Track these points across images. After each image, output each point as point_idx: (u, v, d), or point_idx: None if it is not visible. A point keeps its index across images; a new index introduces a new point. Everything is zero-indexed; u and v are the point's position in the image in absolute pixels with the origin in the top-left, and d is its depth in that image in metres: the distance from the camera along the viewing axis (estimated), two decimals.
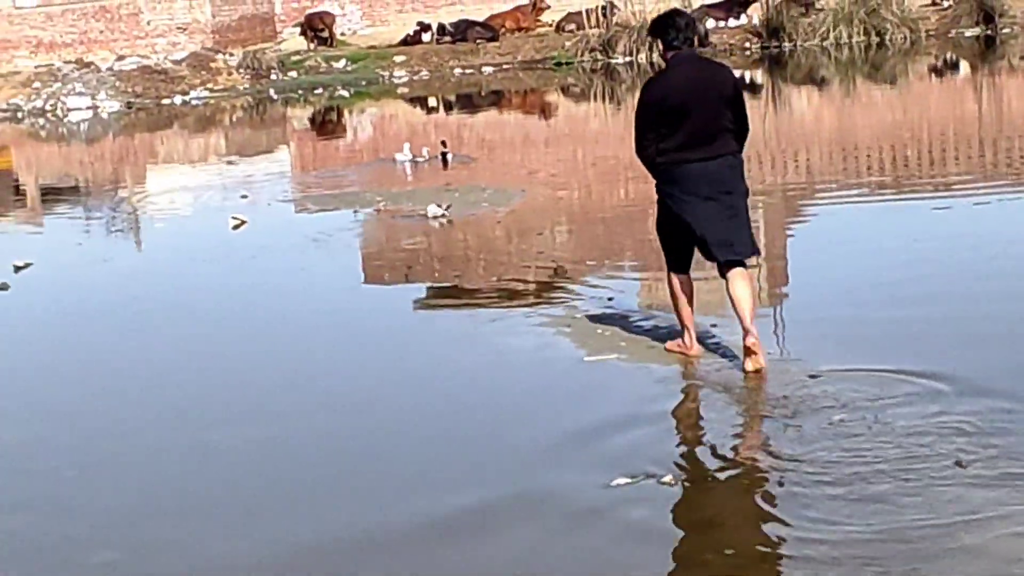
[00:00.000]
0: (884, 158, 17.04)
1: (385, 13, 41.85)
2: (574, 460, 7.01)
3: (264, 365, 9.51)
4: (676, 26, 8.35)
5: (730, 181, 8.33)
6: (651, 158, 8.37)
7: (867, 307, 9.54)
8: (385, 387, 8.70)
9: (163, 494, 7.08)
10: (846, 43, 32.91)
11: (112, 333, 10.85)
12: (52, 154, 28.37)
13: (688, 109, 8.15)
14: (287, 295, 11.61)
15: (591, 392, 8.18)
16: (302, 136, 28.02)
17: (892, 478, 6.33)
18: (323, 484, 7.03)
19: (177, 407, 8.63)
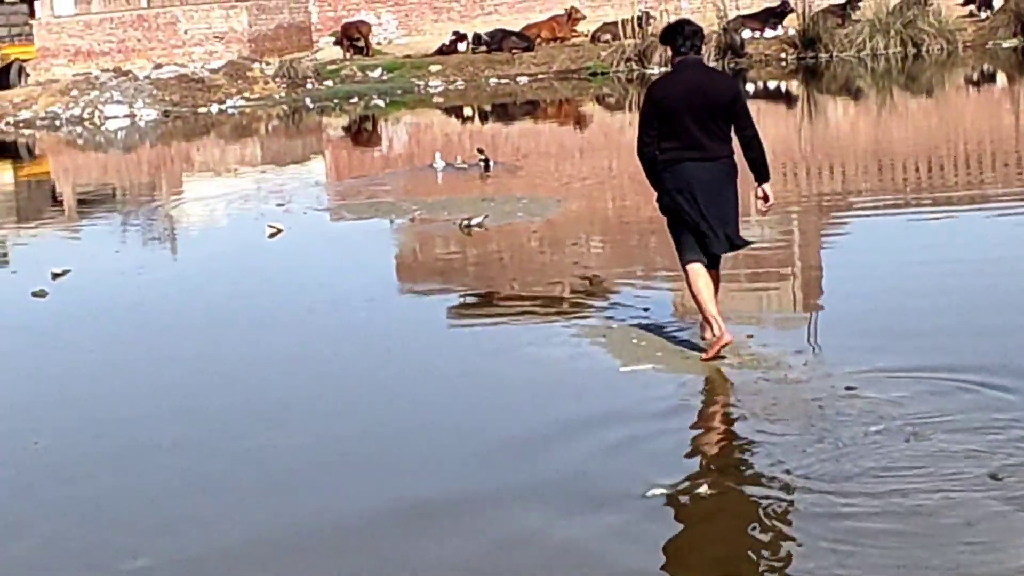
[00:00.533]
0: (920, 170, 16.98)
1: (421, 23, 41.95)
2: (609, 470, 7.01)
3: (297, 372, 9.53)
4: (683, 34, 8.85)
5: (725, 181, 8.84)
6: (652, 157, 8.84)
7: (902, 318, 9.51)
8: (416, 397, 8.69)
9: (200, 502, 7.11)
10: (882, 54, 32.83)
11: (148, 341, 10.88)
12: (89, 162, 28.52)
13: (682, 112, 8.64)
14: (322, 303, 11.63)
15: (626, 403, 8.18)
16: (337, 145, 28.11)
17: (928, 491, 6.30)
18: (368, 490, 7.05)
19: (213, 415, 8.66)
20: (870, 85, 29.13)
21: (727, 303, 10.15)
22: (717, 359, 8.67)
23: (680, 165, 8.73)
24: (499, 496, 6.79)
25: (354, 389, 9.03)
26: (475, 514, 6.59)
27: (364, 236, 15.05)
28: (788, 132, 23.26)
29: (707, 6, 35.81)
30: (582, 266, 12.14)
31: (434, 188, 18.54)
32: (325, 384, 9.19)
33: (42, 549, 6.62)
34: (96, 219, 18.86)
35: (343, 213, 16.98)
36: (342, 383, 9.20)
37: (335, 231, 15.86)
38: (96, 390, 9.54)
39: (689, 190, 8.72)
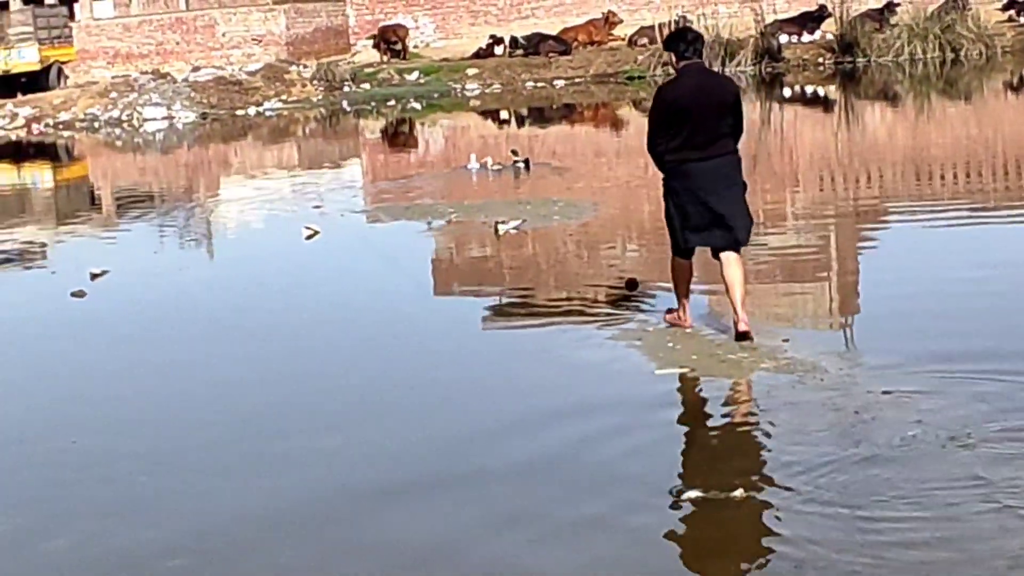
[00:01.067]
0: (958, 176, 16.91)
1: (458, 26, 42.02)
2: (644, 473, 7.02)
3: (333, 374, 9.57)
4: (686, 40, 9.56)
5: (730, 176, 9.37)
6: (660, 155, 9.45)
7: (940, 322, 9.47)
8: (452, 398, 8.71)
9: (238, 503, 7.14)
10: (920, 59, 32.70)
11: (186, 341, 10.95)
12: (127, 164, 28.67)
13: (692, 112, 9.20)
14: (358, 305, 11.70)
15: (661, 406, 8.18)
16: (374, 147, 28.18)
17: (965, 496, 6.29)
18: (405, 493, 7.07)
19: (249, 416, 8.70)
20: (908, 90, 29.01)
21: (764, 307, 10.19)
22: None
23: (686, 166, 9.29)
24: (536, 495, 6.81)
25: (389, 393, 9.04)
26: (515, 515, 6.61)
27: (400, 238, 15.08)
28: (825, 137, 23.21)
29: (744, 11, 35.79)
30: (618, 270, 12.14)
31: (471, 191, 18.57)
32: (361, 388, 9.20)
33: (80, 547, 6.66)
34: (134, 220, 18.95)
35: (379, 215, 17.02)
36: (377, 387, 9.20)
37: (371, 233, 15.90)
38: (134, 390, 9.58)
39: (694, 191, 9.30)
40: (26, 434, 8.67)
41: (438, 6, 42.22)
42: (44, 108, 36.53)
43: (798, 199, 16.18)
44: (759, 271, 11.73)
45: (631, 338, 9.69)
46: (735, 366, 8.73)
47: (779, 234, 13.66)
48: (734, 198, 9.35)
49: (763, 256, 12.47)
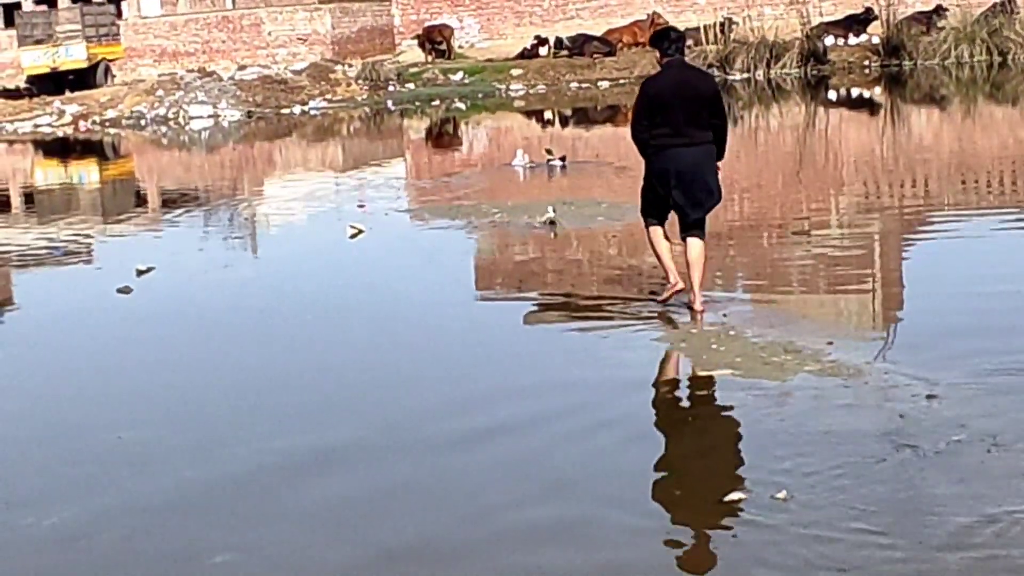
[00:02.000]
0: (1005, 181, 16.82)
1: (503, 27, 42.08)
2: (687, 472, 7.03)
3: (373, 372, 9.60)
4: (670, 39, 10.55)
5: (702, 164, 10.36)
6: (644, 140, 10.45)
7: (986, 327, 9.43)
8: (495, 399, 8.71)
9: (279, 498, 7.18)
10: (967, 62, 32.52)
11: (231, 337, 11.02)
12: (173, 162, 28.83)
13: (674, 104, 10.23)
14: (402, 304, 11.73)
15: (705, 407, 8.19)
16: (418, 147, 28.24)
17: (1007, 504, 6.27)
18: (452, 491, 7.10)
19: (294, 411, 8.73)
20: (954, 93, 28.86)
21: (807, 311, 10.20)
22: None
23: (668, 151, 10.32)
24: (583, 501, 6.83)
25: (430, 391, 9.05)
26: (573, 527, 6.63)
27: (444, 238, 15.11)
28: (871, 140, 23.11)
29: (791, 13, 35.67)
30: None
31: (514, 191, 18.60)
32: (401, 386, 9.23)
33: (125, 542, 6.71)
34: (180, 218, 19.05)
35: (424, 214, 17.06)
36: (417, 385, 9.22)
37: (416, 232, 15.94)
38: (179, 385, 9.64)
39: (671, 172, 10.33)
40: (70, 429, 8.75)
41: (483, 7, 42.29)
42: (91, 105, 36.79)
43: (842, 203, 16.11)
44: (803, 275, 11.70)
45: (676, 339, 9.69)
46: (779, 368, 8.72)
47: (824, 237, 13.63)
48: (703, 183, 10.38)
49: (808, 260, 12.45)
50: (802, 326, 9.78)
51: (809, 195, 16.86)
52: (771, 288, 11.18)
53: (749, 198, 16.67)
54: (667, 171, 10.36)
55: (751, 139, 24.59)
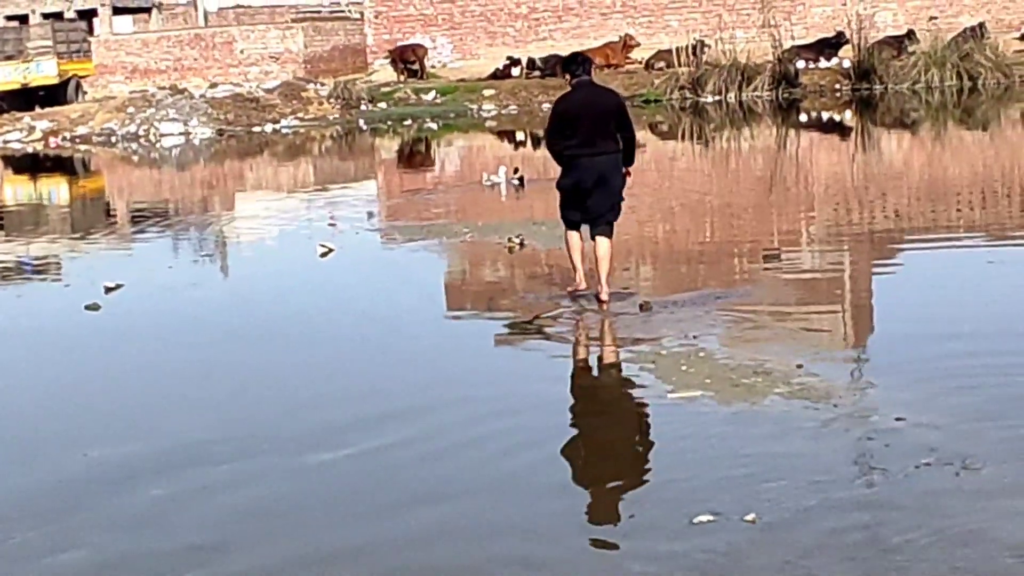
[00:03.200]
0: (974, 205, 16.88)
1: (476, 47, 42.13)
2: (656, 495, 7.00)
3: (342, 391, 9.56)
4: (577, 62, 11.84)
5: (609, 172, 11.53)
6: (558, 151, 11.67)
7: (955, 349, 9.43)
8: (459, 422, 8.67)
9: (246, 515, 7.13)
10: (937, 87, 32.68)
11: (198, 355, 10.96)
12: (144, 179, 28.73)
13: (581, 118, 11.42)
14: (372, 323, 11.67)
15: (674, 428, 8.16)
16: (390, 166, 28.22)
17: (979, 525, 6.27)
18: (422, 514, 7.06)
19: (262, 430, 8.68)
20: (925, 118, 28.98)
21: (777, 333, 10.20)
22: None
23: (579, 160, 11.47)
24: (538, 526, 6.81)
25: (400, 416, 9.01)
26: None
27: (415, 257, 15.09)
28: (841, 164, 23.18)
29: (762, 36, 35.79)
30: (632, 292, 12.12)
31: (485, 210, 18.59)
32: (371, 406, 9.18)
33: (93, 560, 6.65)
34: (150, 235, 18.97)
35: (394, 234, 17.03)
36: (388, 407, 9.18)
37: (386, 252, 15.91)
38: (146, 404, 9.59)
39: (583, 180, 11.49)
40: (37, 447, 8.68)
41: (456, 27, 42.34)
42: (62, 122, 36.68)
43: (813, 225, 16.15)
44: (775, 295, 11.70)
45: (645, 361, 9.68)
46: (749, 390, 8.71)
47: (794, 259, 13.65)
48: (610, 190, 11.55)
49: (778, 281, 12.46)
50: (772, 348, 9.77)
51: (780, 217, 16.89)
52: (741, 310, 11.17)
53: (720, 219, 16.69)
54: (578, 179, 11.53)
55: (723, 161, 24.65)
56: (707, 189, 20.14)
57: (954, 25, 35.83)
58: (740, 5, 39.62)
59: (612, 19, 40.81)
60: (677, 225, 16.86)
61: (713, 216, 16.89)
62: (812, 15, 39.09)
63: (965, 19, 36.74)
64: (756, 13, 38.19)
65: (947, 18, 37.22)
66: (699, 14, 39.85)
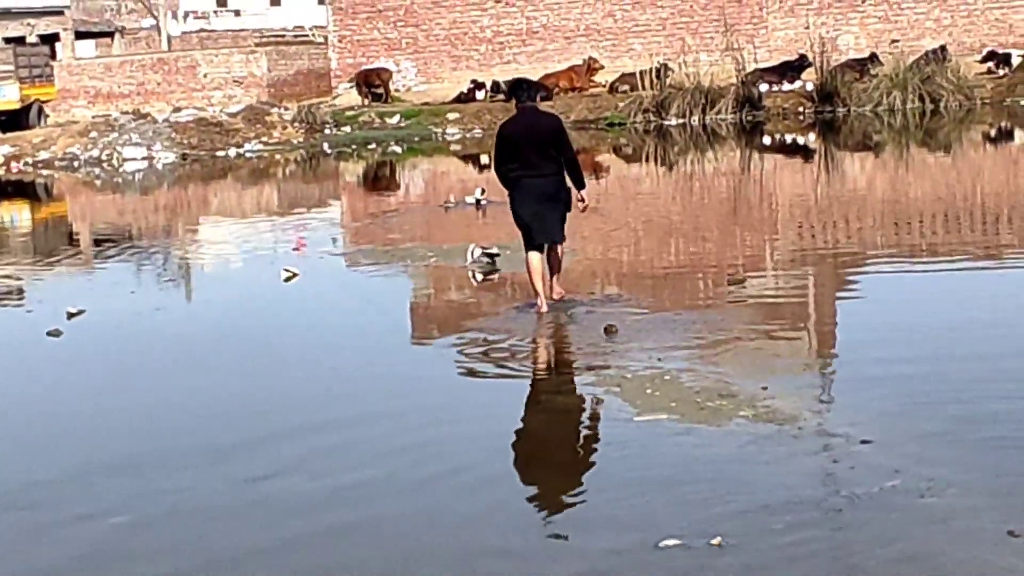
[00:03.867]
0: (937, 226, 16.95)
1: (440, 70, 42.14)
2: (621, 518, 6.98)
3: (307, 418, 9.50)
4: (523, 88, 12.82)
5: (552, 192, 12.22)
6: (504, 174, 12.35)
7: (919, 371, 9.46)
8: (428, 445, 8.64)
9: (215, 547, 7.08)
10: (900, 109, 32.85)
11: (160, 382, 10.90)
12: (106, 204, 28.60)
13: (524, 143, 12.13)
14: (335, 348, 11.64)
15: (640, 451, 8.15)
16: (354, 190, 28.17)
17: (943, 548, 6.27)
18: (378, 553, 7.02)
19: (221, 456, 8.63)
20: (887, 140, 29.12)
21: (742, 356, 10.21)
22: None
23: (521, 181, 12.17)
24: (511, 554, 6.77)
25: (370, 443, 8.97)
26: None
27: (379, 281, 15.06)
28: (804, 186, 23.26)
29: (726, 59, 35.91)
30: (597, 314, 12.10)
31: (450, 234, 18.57)
32: (337, 437, 9.14)
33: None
34: (112, 260, 18.87)
35: (359, 258, 16.99)
36: (355, 436, 9.14)
37: (350, 276, 15.87)
38: (107, 429, 9.52)
39: (526, 201, 12.19)
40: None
41: (420, 50, 42.35)
42: (24, 147, 36.50)
43: (776, 247, 16.19)
44: (740, 318, 11.71)
45: (610, 384, 9.66)
46: (714, 413, 8.71)
47: (758, 282, 13.66)
48: (554, 207, 12.25)
49: (742, 303, 12.47)
50: (737, 371, 9.77)
51: (745, 240, 16.92)
52: (707, 333, 11.17)
53: (685, 243, 16.71)
54: (523, 200, 12.23)
55: (687, 184, 24.69)
56: (672, 212, 20.17)
57: (916, 48, 36.04)
58: (703, 28, 39.79)
59: (576, 42, 40.90)
60: (642, 249, 16.86)
61: (678, 239, 16.91)
62: (775, 38, 39.29)
63: (927, 42, 36.99)
64: (719, 36, 38.31)
65: (909, 41, 37.46)
66: (662, 37, 40.00)
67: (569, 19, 41.18)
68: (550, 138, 12.13)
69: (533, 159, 12.08)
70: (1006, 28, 38.12)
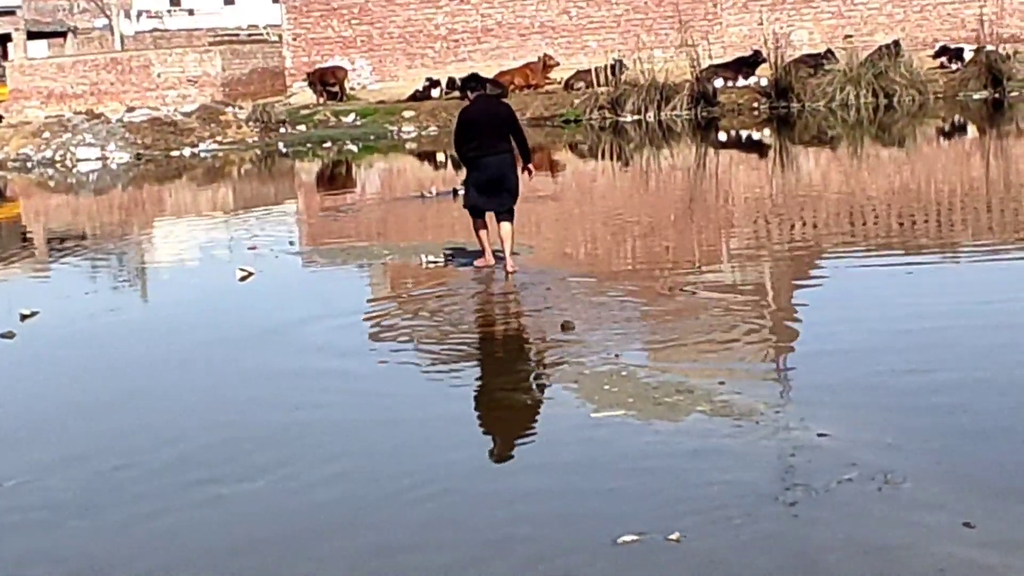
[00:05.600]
0: (892, 221, 17.02)
1: (395, 68, 42.08)
2: (580, 515, 6.97)
3: (262, 417, 9.46)
4: (476, 80, 15.15)
5: (506, 169, 14.18)
6: (464, 154, 14.28)
7: (875, 365, 9.49)
8: (382, 447, 8.62)
9: (165, 547, 7.03)
10: (854, 104, 33.02)
11: (115, 382, 10.83)
12: (60, 204, 28.41)
13: (479, 125, 14.05)
14: (291, 352, 11.57)
15: (598, 447, 8.14)
16: (310, 189, 28.08)
17: (900, 539, 6.29)
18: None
19: (181, 460, 8.58)
20: (842, 135, 29.24)
21: (699, 351, 10.24)
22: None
23: (480, 160, 14.11)
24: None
25: (333, 445, 8.94)
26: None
27: (335, 279, 15.00)
28: (760, 181, 23.33)
29: (680, 55, 35.99)
30: (554, 312, 12.09)
31: (406, 232, 18.53)
32: (296, 442, 9.10)
33: None
34: (67, 261, 18.74)
35: (315, 257, 16.93)
36: (317, 438, 9.10)
37: (306, 275, 15.81)
38: (63, 431, 9.45)
39: (483, 176, 14.11)
40: None
41: (375, 48, 42.27)
42: None
43: (732, 242, 16.22)
44: (695, 313, 11.72)
45: (567, 380, 9.65)
46: (672, 408, 8.71)
47: (714, 276, 13.68)
48: (507, 182, 14.13)
49: (699, 298, 12.48)
50: (695, 366, 9.80)
51: (701, 234, 16.94)
52: (664, 328, 11.18)
53: (641, 238, 16.72)
54: (481, 175, 14.11)
55: (643, 180, 24.72)
56: (628, 208, 20.18)
57: (869, 43, 36.19)
58: (658, 25, 39.87)
59: (531, 40, 40.92)
60: (598, 244, 16.87)
61: (634, 235, 16.92)
62: (729, 34, 39.42)
63: (880, 37, 37.18)
64: (674, 33, 38.41)
65: (862, 36, 37.64)
66: (617, 34, 40.06)
67: (524, 16, 41.20)
68: (505, 120, 14.20)
69: (490, 139, 13.99)
70: (958, 23, 38.35)
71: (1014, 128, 28.67)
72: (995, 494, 6.83)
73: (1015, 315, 10.86)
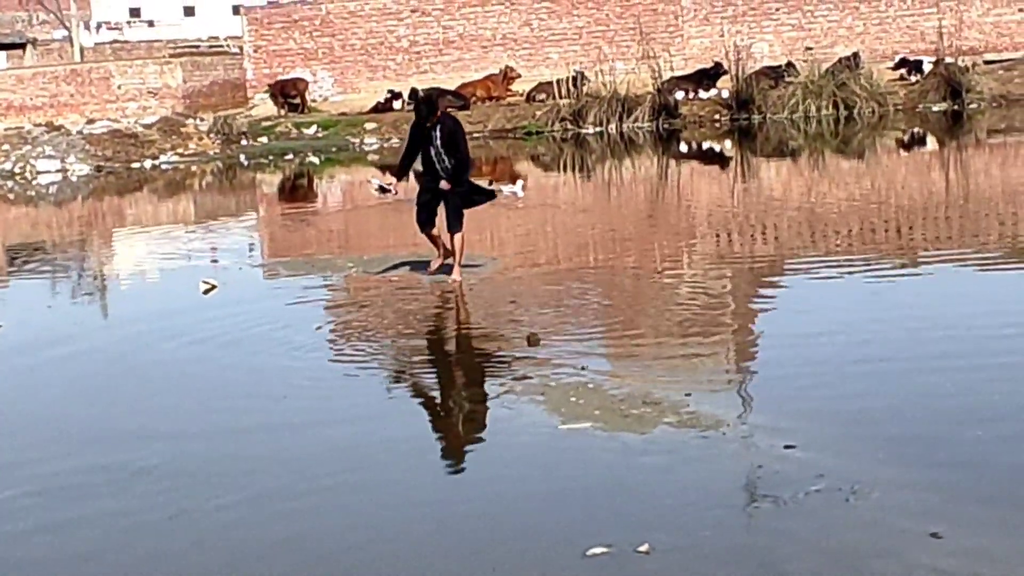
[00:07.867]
0: (852, 232, 17.08)
1: (356, 80, 42.03)
2: (548, 528, 6.96)
3: (230, 437, 9.43)
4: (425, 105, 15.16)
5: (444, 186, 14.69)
6: (403, 166, 15.39)
7: (840, 376, 9.53)
8: (350, 461, 8.59)
9: (135, 565, 7.00)
10: (815, 116, 33.19)
11: (77, 395, 10.76)
12: (20, 217, 28.25)
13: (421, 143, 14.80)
14: (256, 366, 11.51)
15: (566, 459, 8.14)
16: (272, 201, 28.01)
17: (868, 550, 6.31)
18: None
19: (146, 476, 8.54)
20: (802, 147, 29.37)
21: (665, 363, 10.25)
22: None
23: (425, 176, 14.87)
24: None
25: (290, 458, 8.91)
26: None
27: (298, 292, 14.94)
28: (721, 193, 23.39)
29: (642, 67, 36.10)
30: (520, 324, 12.10)
31: (369, 244, 18.50)
32: (260, 457, 9.07)
33: None
34: (27, 274, 18.63)
35: (278, 269, 16.88)
36: (268, 448, 9.08)
37: (269, 287, 15.75)
38: (21, 443, 9.39)
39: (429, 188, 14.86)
40: None
41: (337, 60, 42.22)
42: None
43: (695, 254, 16.25)
44: (661, 325, 11.74)
45: (534, 393, 9.64)
46: (638, 421, 8.72)
47: (679, 288, 13.71)
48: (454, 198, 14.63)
49: (663, 310, 12.50)
50: (661, 378, 9.80)
51: (663, 246, 16.96)
52: (630, 340, 11.19)
53: (605, 250, 16.74)
54: (427, 187, 14.86)
55: (605, 192, 24.76)
56: (591, 219, 20.20)
57: (830, 55, 36.38)
58: (619, 37, 39.97)
59: (492, 52, 40.97)
60: (562, 256, 16.87)
61: (597, 246, 16.93)
62: (690, 46, 39.56)
63: (840, 49, 37.39)
64: (635, 45, 38.53)
65: (822, 48, 37.82)
66: (579, 46, 40.14)
67: (486, 28, 41.24)
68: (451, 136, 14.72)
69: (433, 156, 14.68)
70: (917, 35, 38.62)
71: (972, 140, 28.87)
72: (963, 503, 6.85)
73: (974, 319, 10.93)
